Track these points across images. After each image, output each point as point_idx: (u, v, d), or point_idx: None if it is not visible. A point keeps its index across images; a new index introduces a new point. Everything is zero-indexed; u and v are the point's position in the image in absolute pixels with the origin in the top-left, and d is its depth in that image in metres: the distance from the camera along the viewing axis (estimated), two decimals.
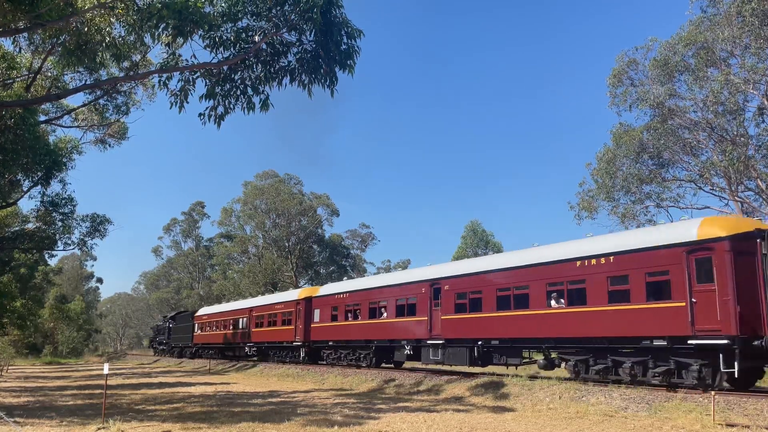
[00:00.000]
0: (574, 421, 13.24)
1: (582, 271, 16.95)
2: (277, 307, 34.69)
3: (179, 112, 13.29)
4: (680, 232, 15.00)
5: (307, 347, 31.30)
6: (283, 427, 12.17)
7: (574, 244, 18.15)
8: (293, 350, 33.30)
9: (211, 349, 46.32)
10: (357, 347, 27.53)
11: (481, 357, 20.38)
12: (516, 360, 19.57)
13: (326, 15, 12.35)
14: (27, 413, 14.91)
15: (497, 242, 62.23)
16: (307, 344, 31.04)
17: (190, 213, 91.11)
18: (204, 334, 47.21)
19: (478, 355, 20.38)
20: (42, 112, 27.31)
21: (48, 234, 31.28)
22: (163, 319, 64.80)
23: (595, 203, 33.63)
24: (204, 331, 47.23)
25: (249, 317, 38.41)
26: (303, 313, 31.22)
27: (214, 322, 45.21)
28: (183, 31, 12.26)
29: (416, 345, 23.45)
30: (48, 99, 23.21)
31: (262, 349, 37.64)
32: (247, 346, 38.66)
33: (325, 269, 71.02)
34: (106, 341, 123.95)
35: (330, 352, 29.83)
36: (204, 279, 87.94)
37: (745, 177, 29.22)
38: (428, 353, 22.66)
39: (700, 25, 29.17)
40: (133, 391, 21.59)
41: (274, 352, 35.93)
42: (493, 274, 20.23)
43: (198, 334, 48.48)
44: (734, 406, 12.68)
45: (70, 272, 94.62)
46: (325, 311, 29.62)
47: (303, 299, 31.58)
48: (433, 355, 22.37)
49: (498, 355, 19.95)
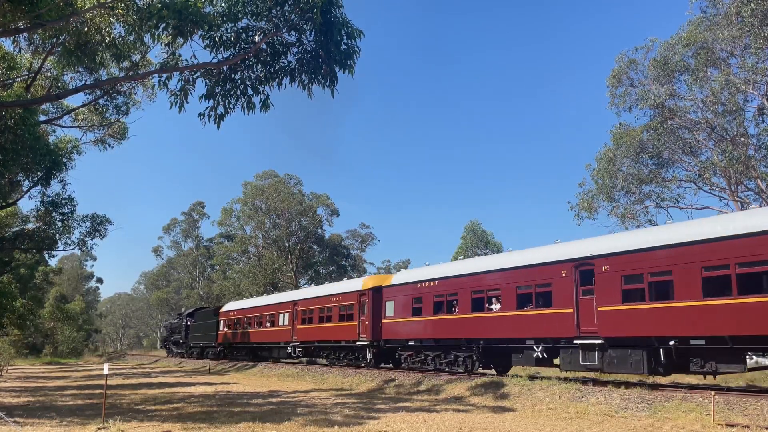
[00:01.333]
0: (574, 421, 13.24)
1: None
2: (333, 299, 29.05)
3: (179, 111, 13.30)
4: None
5: (375, 347, 26.05)
6: (283, 427, 12.17)
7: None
8: (355, 351, 27.85)
9: (240, 349, 41.06)
10: (451, 348, 22.12)
11: (671, 362, 15.39)
12: (736, 366, 14.13)
13: (326, 15, 12.35)
14: (27, 413, 14.91)
15: (497, 242, 62.31)
16: (375, 344, 25.82)
17: (190, 213, 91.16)
18: (232, 333, 41.63)
19: (666, 359, 15.32)
20: (42, 112, 27.32)
21: (48, 234, 31.28)
22: (178, 316, 59.05)
23: (595, 203, 33.65)
24: (232, 329, 41.56)
25: (292, 312, 32.82)
26: (370, 306, 25.93)
27: (245, 319, 39.58)
28: (183, 31, 12.27)
29: (552, 345, 18.03)
30: (48, 99, 23.22)
31: (311, 349, 32.35)
32: (291, 347, 32.87)
33: (325, 269, 71.01)
34: (106, 341, 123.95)
35: (409, 354, 24.44)
36: (204, 279, 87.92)
37: (745, 177, 29.23)
38: (575, 357, 17.10)
39: (699, 25, 29.19)
40: (133, 391, 21.58)
41: (328, 352, 30.37)
42: (698, 246, 14.55)
43: (224, 332, 42.77)
44: (734, 406, 12.68)
45: (70, 272, 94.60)
46: (403, 303, 24.12)
47: (369, 290, 26.31)
48: (584, 359, 16.91)
49: (700, 360, 14.69)
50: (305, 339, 31.52)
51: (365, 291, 26.65)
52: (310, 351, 32.83)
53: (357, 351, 27.63)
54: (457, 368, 21.85)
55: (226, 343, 42.70)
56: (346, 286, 29.42)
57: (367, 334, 26.07)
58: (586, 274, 17.13)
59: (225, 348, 43.21)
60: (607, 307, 16.34)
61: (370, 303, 26.09)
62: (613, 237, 18.09)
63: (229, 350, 42.83)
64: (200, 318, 49.47)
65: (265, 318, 36.63)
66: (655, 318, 15.23)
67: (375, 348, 26.12)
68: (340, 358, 29.21)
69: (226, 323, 42.69)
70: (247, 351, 39.96)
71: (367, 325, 26.11)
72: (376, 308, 25.83)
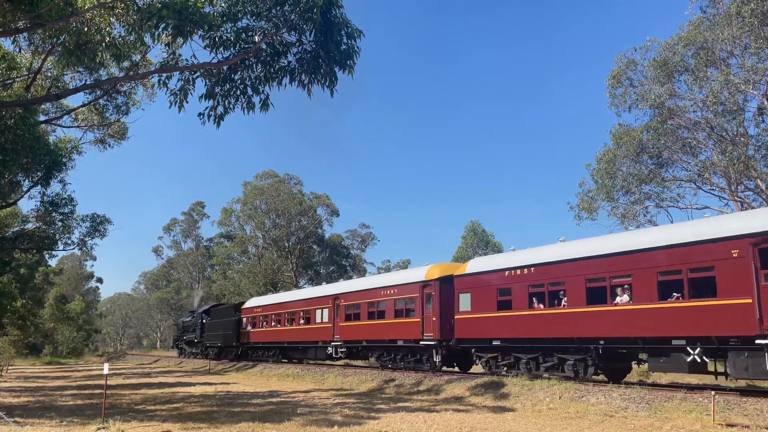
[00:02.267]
0: (574, 421, 13.24)
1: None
2: (386, 292, 25.48)
3: (179, 111, 13.30)
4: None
5: (445, 348, 22.31)
6: (283, 427, 12.17)
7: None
8: (416, 352, 24.15)
9: (267, 349, 37.24)
10: (555, 349, 18.19)
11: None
12: None
13: (326, 15, 12.36)
14: (27, 413, 14.91)
15: (497, 242, 62.36)
16: (445, 343, 22.11)
17: (190, 213, 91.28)
18: (257, 332, 37.77)
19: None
20: (42, 112, 27.34)
21: (48, 234, 31.31)
22: (192, 314, 55.14)
23: (595, 204, 33.66)
24: (257, 328, 37.78)
25: (333, 308, 29.26)
26: (437, 299, 22.27)
27: (273, 317, 35.85)
28: (183, 31, 12.28)
29: (716, 347, 14.17)
30: (48, 99, 23.21)
31: (357, 349, 28.38)
32: (332, 346, 29.10)
33: (325, 269, 71.06)
34: (106, 341, 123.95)
35: (493, 356, 20.47)
36: (204, 279, 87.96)
37: (745, 177, 29.24)
38: (757, 362, 13.24)
39: (699, 25, 29.21)
40: (133, 391, 21.59)
41: (379, 353, 26.64)
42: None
43: (248, 331, 39.01)
44: (734, 406, 12.69)
45: (70, 272, 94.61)
46: (484, 296, 20.29)
47: (436, 280, 22.58)
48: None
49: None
50: (350, 338, 27.76)
51: (430, 282, 22.84)
52: (355, 351, 28.69)
53: (420, 352, 23.83)
54: (567, 373, 17.72)
55: (249, 343, 38.92)
56: (404, 276, 25.48)
57: (433, 332, 22.28)
58: None
59: (249, 348, 39.44)
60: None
61: (438, 296, 22.32)
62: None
63: (253, 350, 39.07)
64: (218, 315, 45.76)
65: (298, 315, 32.94)
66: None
67: (445, 348, 22.28)
68: (396, 360, 25.43)
69: (249, 321, 39.04)
70: (275, 351, 36.32)
71: (434, 322, 22.26)
72: (445, 302, 22.10)
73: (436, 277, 22.64)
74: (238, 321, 40.38)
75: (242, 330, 39.78)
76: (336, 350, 28.98)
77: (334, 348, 29.04)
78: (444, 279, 22.45)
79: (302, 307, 32.73)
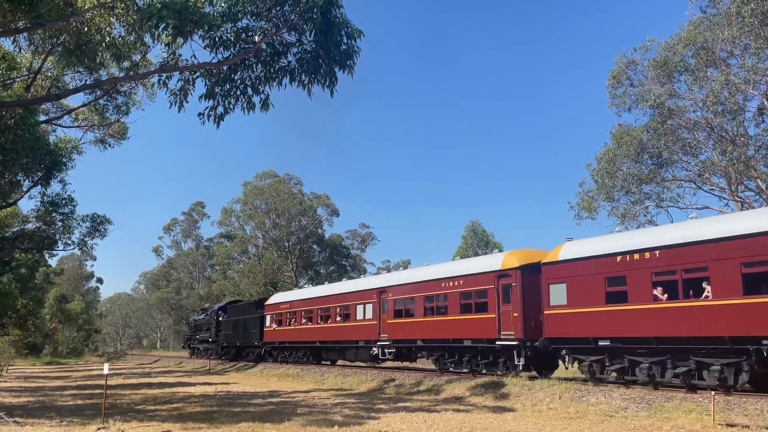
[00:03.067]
0: (574, 421, 13.24)
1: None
2: (449, 284, 22.12)
3: (179, 111, 13.30)
4: None
5: (529, 348, 18.77)
6: (283, 427, 12.17)
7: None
8: (488, 353, 20.45)
9: (296, 349, 33.81)
10: (690, 351, 14.73)
11: None
12: None
13: (326, 15, 12.36)
14: (27, 413, 14.91)
15: (497, 242, 62.32)
16: (529, 343, 18.67)
17: (190, 213, 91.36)
18: (283, 330, 34.35)
19: None
20: (42, 112, 27.34)
21: (48, 234, 31.30)
22: (204, 311, 52.11)
23: (595, 203, 33.67)
24: (284, 326, 34.40)
25: (379, 303, 25.88)
26: (518, 291, 18.97)
27: (303, 313, 32.30)
28: (183, 31, 12.28)
29: None
30: (48, 99, 23.22)
31: (410, 350, 24.79)
32: (379, 346, 25.52)
33: (325, 269, 71.09)
34: (106, 341, 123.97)
35: (597, 359, 16.88)
36: (204, 279, 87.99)
37: (745, 177, 29.25)
38: None
39: (699, 25, 29.22)
40: (133, 391, 21.59)
41: (438, 355, 22.99)
42: None
43: (272, 329, 35.56)
44: (734, 406, 12.68)
45: (70, 272, 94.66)
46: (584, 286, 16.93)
47: (517, 269, 19.22)
48: None
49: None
50: (401, 337, 24.34)
51: (509, 271, 19.51)
52: (406, 352, 25.19)
53: (494, 353, 20.25)
54: (701, 380, 14.57)
55: (273, 343, 35.71)
56: (474, 265, 21.75)
57: (515, 330, 18.94)
58: None
59: (274, 348, 36.27)
60: None
61: (519, 287, 19.04)
62: None
63: (278, 351, 35.97)
64: (236, 313, 42.12)
65: (334, 311, 29.66)
66: None
67: (529, 349, 18.82)
68: (461, 363, 21.82)
69: (274, 318, 35.49)
70: (305, 352, 33.08)
71: (515, 319, 18.98)
72: (529, 294, 18.91)
73: (517, 266, 19.32)
74: (261, 318, 36.99)
75: (266, 328, 36.34)
76: (382, 350, 25.41)
77: (380, 348, 25.50)
78: (527, 268, 19.25)
79: (339, 303, 29.31)
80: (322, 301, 31.03)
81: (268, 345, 36.47)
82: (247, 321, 39.39)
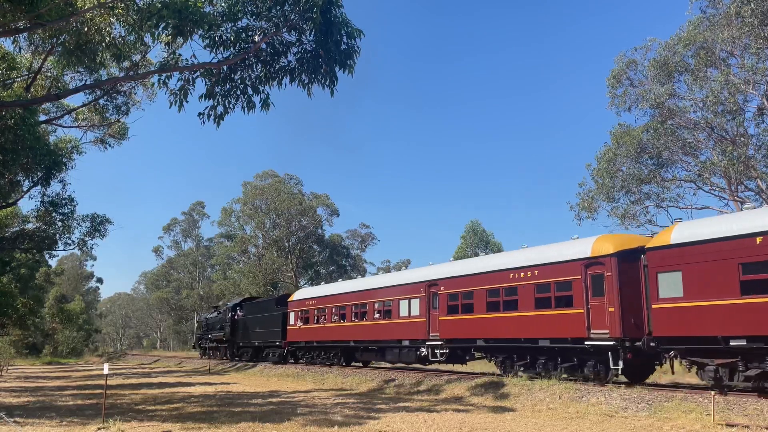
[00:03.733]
0: (573, 421, 13.24)
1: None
2: (517, 275, 19.27)
3: (179, 111, 13.31)
4: None
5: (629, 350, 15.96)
6: (283, 427, 12.17)
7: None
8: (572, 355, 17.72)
9: (324, 349, 30.64)
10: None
11: None
12: None
13: (326, 15, 12.36)
14: (27, 413, 14.91)
15: (497, 242, 62.37)
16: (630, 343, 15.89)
17: (190, 213, 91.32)
18: (311, 328, 31.21)
19: None
20: (42, 112, 27.33)
21: (48, 234, 31.30)
22: (216, 309, 48.81)
23: (595, 203, 33.67)
24: (311, 324, 31.25)
25: (428, 297, 23.12)
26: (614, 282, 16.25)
27: (335, 309, 29.31)
28: (183, 30, 12.28)
29: None
30: (48, 99, 23.23)
31: (466, 351, 21.93)
32: (428, 347, 22.80)
33: (325, 269, 71.09)
34: (106, 341, 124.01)
35: (726, 364, 14.00)
36: (204, 279, 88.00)
37: (745, 177, 29.25)
38: None
39: (699, 25, 29.23)
40: (133, 391, 21.59)
41: (504, 356, 19.96)
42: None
43: (297, 328, 32.43)
44: (734, 406, 12.68)
45: (70, 272, 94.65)
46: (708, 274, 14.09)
47: (612, 256, 16.56)
48: None
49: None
50: (455, 336, 21.60)
51: (602, 258, 16.77)
52: (461, 353, 22.29)
53: (582, 355, 17.39)
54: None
55: (299, 342, 32.55)
56: (553, 253, 18.62)
57: (611, 327, 16.13)
58: None
59: (299, 349, 33.10)
60: None
61: (616, 277, 16.35)
62: None
63: (304, 351, 32.74)
64: (254, 310, 39.11)
65: (372, 307, 26.54)
66: None
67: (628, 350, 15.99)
68: (536, 366, 18.72)
69: (299, 316, 32.31)
70: (336, 352, 29.85)
71: (610, 314, 16.20)
72: (627, 285, 16.30)
73: (612, 252, 16.58)
74: (283, 316, 33.98)
75: (289, 327, 33.14)
76: (432, 351, 22.72)
77: (429, 349, 22.78)
78: (624, 254, 16.54)
79: (379, 298, 26.21)
80: (358, 296, 27.83)
81: (292, 345, 33.23)
82: (266, 319, 36.27)
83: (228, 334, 41.92)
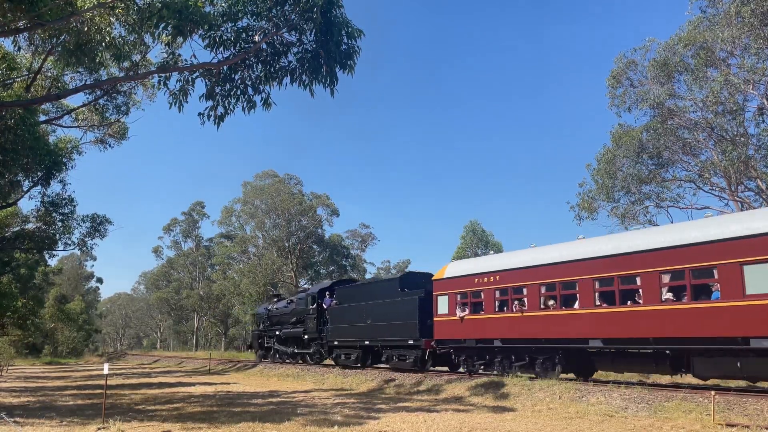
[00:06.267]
0: (574, 421, 13.24)
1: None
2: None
3: (179, 111, 13.32)
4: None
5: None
6: (283, 427, 12.17)
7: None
8: None
9: (517, 353, 19.07)
10: None
11: None
12: None
13: (326, 15, 12.36)
14: (27, 413, 14.91)
15: (497, 242, 62.33)
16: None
17: (190, 213, 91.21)
18: (487, 320, 19.73)
19: None
20: (42, 112, 27.34)
21: (48, 234, 31.28)
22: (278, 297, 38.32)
23: (595, 203, 33.69)
24: (487, 312, 19.74)
25: None
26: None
27: (544, 288, 17.74)
28: (183, 30, 12.28)
29: None
30: (48, 99, 23.22)
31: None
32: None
33: (325, 269, 71.07)
34: (106, 341, 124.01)
35: None
36: (204, 279, 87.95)
37: (745, 177, 29.26)
38: None
39: (699, 25, 29.22)
40: (133, 391, 21.59)
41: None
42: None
43: (453, 320, 21.02)
44: (734, 406, 12.68)
45: (70, 272, 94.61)
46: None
47: None
48: None
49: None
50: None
51: None
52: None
53: None
54: None
55: (460, 340, 20.94)
56: None
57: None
58: None
59: (458, 348, 21.40)
60: None
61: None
62: None
63: (472, 354, 20.87)
64: (360, 296, 27.14)
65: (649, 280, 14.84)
66: None
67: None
68: None
69: (456, 301, 21.06)
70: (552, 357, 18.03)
71: None
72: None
73: None
74: (420, 302, 22.72)
75: (436, 318, 21.89)
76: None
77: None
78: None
79: (664, 265, 14.54)
80: (609, 264, 15.89)
81: (443, 344, 21.99)
82: (386, 307, 24.79)
83: (313, 329, 30.47)
